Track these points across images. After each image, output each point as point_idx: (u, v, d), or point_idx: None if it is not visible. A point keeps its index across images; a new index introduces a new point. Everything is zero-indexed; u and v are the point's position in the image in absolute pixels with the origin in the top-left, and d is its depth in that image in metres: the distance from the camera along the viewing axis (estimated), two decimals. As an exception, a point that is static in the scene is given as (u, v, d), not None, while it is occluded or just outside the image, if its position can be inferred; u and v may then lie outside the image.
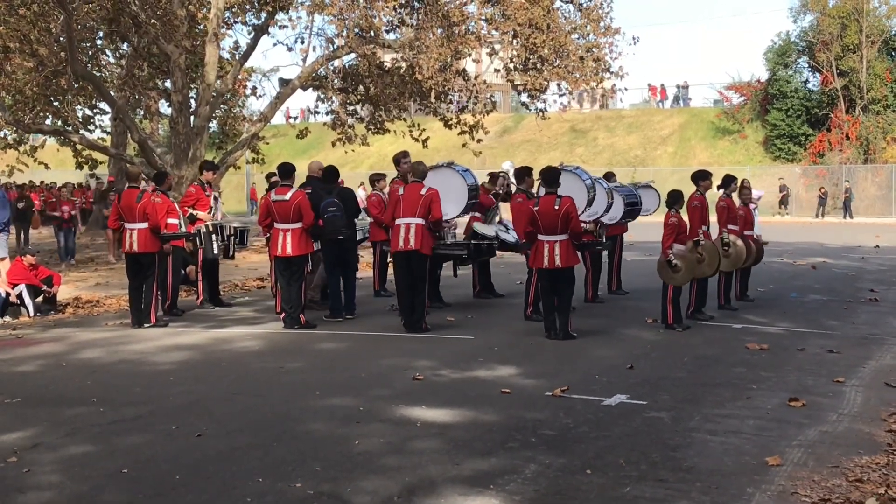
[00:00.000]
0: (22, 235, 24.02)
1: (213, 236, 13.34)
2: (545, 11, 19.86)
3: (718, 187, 13.24)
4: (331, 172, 13.06)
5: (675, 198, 11.78)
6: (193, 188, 14.28)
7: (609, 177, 15.03)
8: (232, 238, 13.72)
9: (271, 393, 8.27)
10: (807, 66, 48.80)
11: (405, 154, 13.04)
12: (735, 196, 13.55)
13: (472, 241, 13.64)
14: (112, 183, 25.31)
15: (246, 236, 14.34)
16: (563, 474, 5.91)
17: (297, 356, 10.13)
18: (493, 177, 14.73)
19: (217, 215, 13.96)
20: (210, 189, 14.20)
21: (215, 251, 13.48)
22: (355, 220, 13.39)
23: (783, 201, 43.65)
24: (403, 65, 21.78)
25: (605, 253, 14.59)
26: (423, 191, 11.32)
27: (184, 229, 13.24)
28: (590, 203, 12.72)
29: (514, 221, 12.87)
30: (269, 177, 15.07)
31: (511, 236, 13.72)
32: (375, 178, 15.44)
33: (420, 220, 11.25)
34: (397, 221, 11.37)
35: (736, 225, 13.06)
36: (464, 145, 23.02)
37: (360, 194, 23.44)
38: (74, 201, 21.48)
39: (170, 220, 12.73)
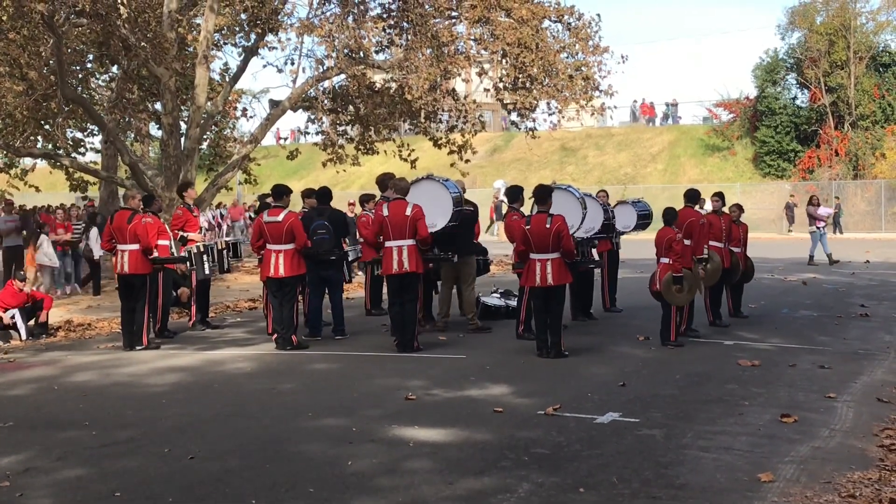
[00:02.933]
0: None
1: (205, 256, 13.33)
2: (534, 31, 19.93)
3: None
4: (324, 194, 13.06)
5: (672, 215, 11.82)
6: (181, 210, 14.26)
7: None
8: (225, 252, 13.70)
9: (264, 414, 8.26)
10: (795, 82, 49.00)
11: (391, 176, 13.06)
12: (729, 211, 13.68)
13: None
14: (92, 207, 25.18)
15: (239, 248, 14.31)
16: (556, 493, 5.91)
17: (290, 377, 10.12)
18: None
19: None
20: (197, 210, 14.17)
21: (206, 271, 13.46)
22: (346, 241, 13.43)
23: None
24: (393, 85, 21.85)
25: (597, 271, 14.62)
26: (409, 210, 11.34)
27: (174, 251, 13.23)
28: (583, 219, 12.78)
29: (509, 238, 12.88)
30: (261, 198, 15.07)
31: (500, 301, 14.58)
32: (365, 199, 15.50)
33: (411, 242, 11.29)
34: (388, 244, 11.38)
35: (719, 241, 13.05)
36: (452, 164, 23.06)
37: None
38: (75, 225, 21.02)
39: (161, 242, 12.74)
